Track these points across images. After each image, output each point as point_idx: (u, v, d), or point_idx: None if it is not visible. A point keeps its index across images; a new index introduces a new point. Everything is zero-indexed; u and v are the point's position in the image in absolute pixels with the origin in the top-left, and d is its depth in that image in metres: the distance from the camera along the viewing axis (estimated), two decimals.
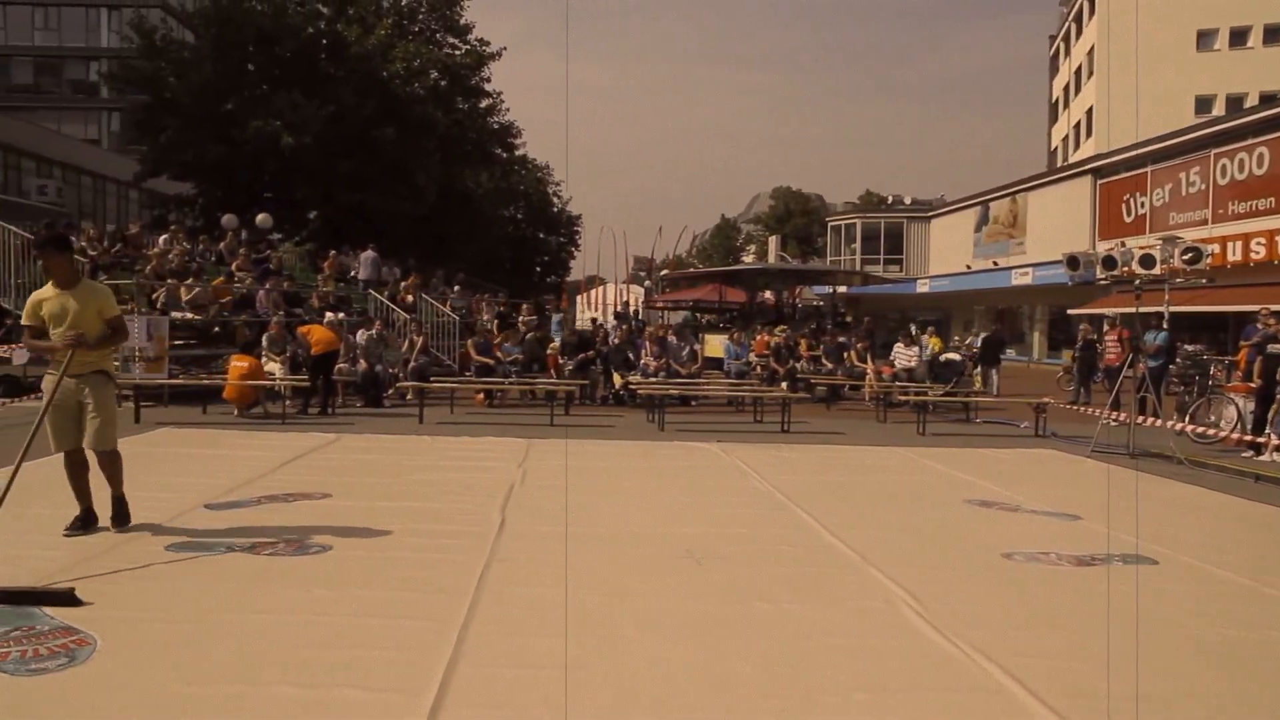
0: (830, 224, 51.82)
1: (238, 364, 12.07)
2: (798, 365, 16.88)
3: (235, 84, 25.50)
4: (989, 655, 3.85)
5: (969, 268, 38.67)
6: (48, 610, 4.02)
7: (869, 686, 3.51)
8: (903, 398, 14.17)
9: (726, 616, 4.30)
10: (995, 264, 36.25)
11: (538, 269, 54.43)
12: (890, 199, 59.49)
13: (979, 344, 21.24)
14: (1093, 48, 41.14)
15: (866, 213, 50.51)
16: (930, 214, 45.62)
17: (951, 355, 19.77)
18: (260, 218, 22.15)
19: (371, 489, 7.15)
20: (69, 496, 5.48)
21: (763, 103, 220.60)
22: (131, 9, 38.81)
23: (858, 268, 43.55)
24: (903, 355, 16.95)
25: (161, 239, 18.57)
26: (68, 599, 4.10)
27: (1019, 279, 33.51)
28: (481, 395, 14.35)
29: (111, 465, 5.56)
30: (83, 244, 14.99)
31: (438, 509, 6.45)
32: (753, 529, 6.14)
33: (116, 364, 12.36)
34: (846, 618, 4.32)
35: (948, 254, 41.27)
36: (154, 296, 14.24)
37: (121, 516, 5.60)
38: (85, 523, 5.50)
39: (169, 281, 14.76)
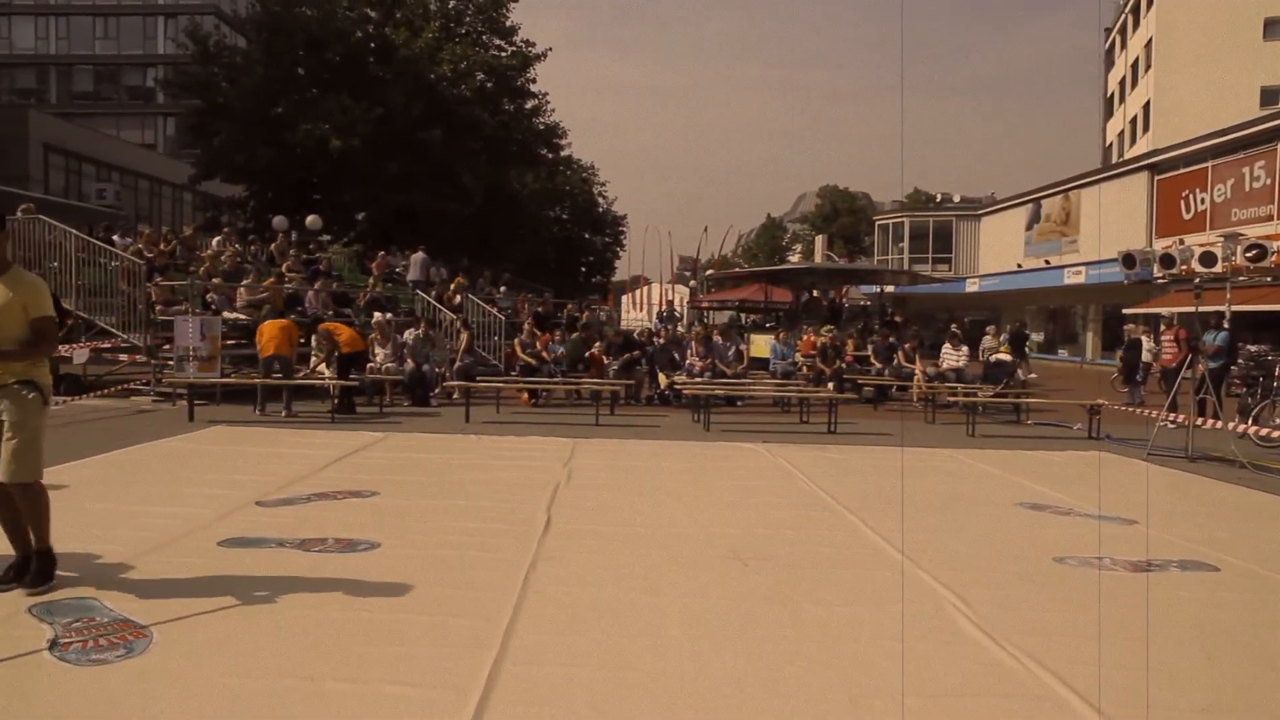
0: (878, 223, 51.31)
1: (276, 320, 12.68)
2: (844, 365, 16.71)
3: (285, 88, 25.98)
4: (1042, 662, 3.76)
5: (1020, 267, 37.96)
6: (107, 602, 4.13)
7: (919, 692, 3.45)
8: (951, 398, 13.95)
9: (773, 618, 4.26)
10: (1047, 263, 35.54)
11: (583, 269, 54.65)
12: (939, 197, 58.60)
13: (1009, 342, 22.28)
14: (1150, 40, 40.11)
15: (915, 211, 49.89)
16: (980, 212, 44.89)
17: (1002, 356, 19.58)
18: (310, 219, 22.52)
19: (419, 487, 7.22)
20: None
21: (809, 101, 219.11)
22: (186, 17, 39.80)
23: (906, 267, 43.02)
24: (951, 356, 16.71)
25: (215, 241, 19.05)
26: None
27: (1071, 278, 32.82)
28: (527, 395, 14.43)
29: (30, 505, 4.27)
30: (139, 245, 15.37)
31: (484, 507, 6.48)
32: (799, 530, 6.08)
33: (168, 367, 12.79)
34: (895, 621, 4.25)
35: (998, 253, 40.56)
36: (207, 297, 14.57)
37: (41, 574, 4.28)
38: (19, 573, 4.30)
39: (214, 280, 15.07)
